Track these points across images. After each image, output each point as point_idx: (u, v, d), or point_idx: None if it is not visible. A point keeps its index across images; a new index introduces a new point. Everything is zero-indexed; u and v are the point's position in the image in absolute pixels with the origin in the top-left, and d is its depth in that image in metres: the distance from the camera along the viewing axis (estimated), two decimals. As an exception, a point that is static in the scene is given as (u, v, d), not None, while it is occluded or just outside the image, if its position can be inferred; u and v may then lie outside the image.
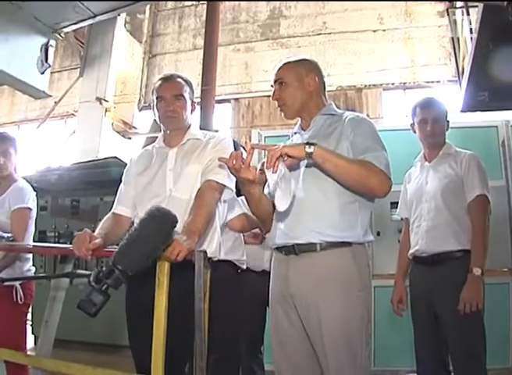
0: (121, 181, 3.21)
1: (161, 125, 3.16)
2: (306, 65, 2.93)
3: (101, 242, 2.56)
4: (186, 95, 3.14)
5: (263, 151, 6.05)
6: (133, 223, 2.99)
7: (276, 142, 3.24)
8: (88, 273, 2.27)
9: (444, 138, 3.87)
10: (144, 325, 2.52)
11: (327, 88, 2.99)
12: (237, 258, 3.57)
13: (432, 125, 3.78)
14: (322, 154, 2.42)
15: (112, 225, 2.94)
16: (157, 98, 3.11)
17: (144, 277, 2.58)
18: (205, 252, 2.30)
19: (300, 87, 2.86)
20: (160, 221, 2.30)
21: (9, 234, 3.82)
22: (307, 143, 2.41)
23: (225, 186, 2.90)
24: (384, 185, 2.55)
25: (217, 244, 2.96)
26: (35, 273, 4.13)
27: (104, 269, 2.24)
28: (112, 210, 3.11)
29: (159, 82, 3.17)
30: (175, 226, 2.36)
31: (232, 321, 3.38)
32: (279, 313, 2.76)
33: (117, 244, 2.35)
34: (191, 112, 3.21)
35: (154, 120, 3.24)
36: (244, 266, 3.77)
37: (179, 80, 3.18)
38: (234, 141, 3.40)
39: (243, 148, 4.36)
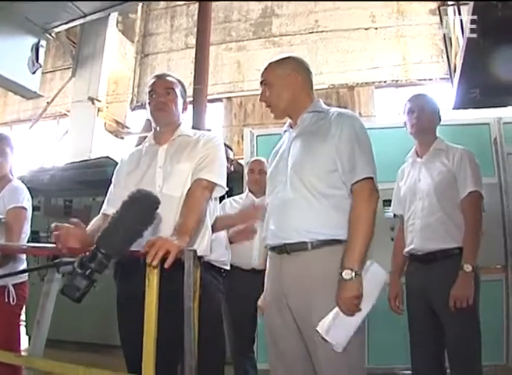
0: (113, 181, 3.21)
1: (152, 121, 3.17)
2: (289, 64, 2.96)
3: (82, 226, 2.61)
4: (178, 91, 3.17)
5: (255, 151, 6.06)
6: None
7: (268, 141, 3.25)
8: (74, 260, 2.26)
9: (434, 132, 3.88)
10: (134, 323, 2.53)
11: (319, 86, 3.02)
12: (214, 259, 3.58)
13: (417, 113, 3.80)
14: (358, 263, 2.52)
15: (102, 225, 2.93)
16: (149, 93, 3.15)
17: (134, 273, 2.59)
18: (195, 251, 2.29)
19: (284, 87, 2.90)
20: (141, 203, 2.30)
21: (2, 216, 3.84)
22: (346, 273, 2.50)
23: (216, 184, 2.90)
24: (375, 197, 2.66)
25: (208, 243, 2.96)
26: (28, 274, 4.12)
27: (87, 253, 2.25)
28: (102, 210, 3.11)
29: (152, 79, 3.21)
30: (157, 208, 2.34)
31: (214, 321, 3.39)
32: (273, 312, 2.78)
33: None
34: (182, 111, 3.24)
35: (147, 120, 3.27)
36: (227, 267, 3.77)
37: (171, 78, 3.22)
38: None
39: (230, 148, 4.34)
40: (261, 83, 2.98)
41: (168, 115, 3.11)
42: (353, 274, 2.46)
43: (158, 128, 3.17)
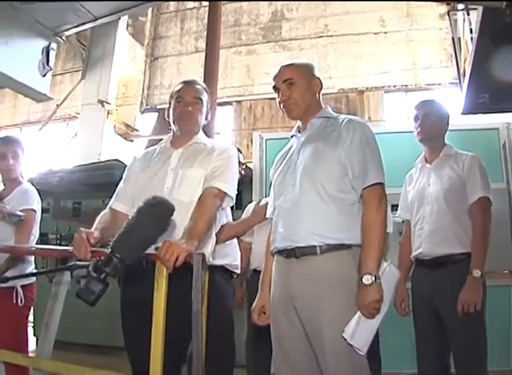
0: (123, 183, 3.22)
1: (175, 126, 3.20)
2: (311, 68, 3.03)
3: (98, 235, 2.58)
4: (204, 101, 3.20)
5: (264, 155, 6.06)
6: None
7: (278, 144, 3.26)
8: (88, 263, 2.28)
9: (441, 138, 3.89)
10: (138, 327, 2.55)
11: (329, 91, 3.08)
12: (228, 263, 3.59)
13: (421, 120, 3.82)
14: (376, 268, 2.55)
15: (110, 220, 2.97)
16: (176, 99, 3.16)
17: (138, 278, 2.60)
18: (203, 255, 2.31)
19: (308, 88, 2.93)
20: (156, 209, 2.34)
21: (22, 213, 3.86)
22: (367, 279, 2.52)
23: (226, 194, 2.92)
24: (385, 202, 2.69)
25: (211, 250, 2.97)
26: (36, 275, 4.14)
27: (102, 258, 2.26)
28: (110, 205, 3.15)
29: (180, 85, 3.23)
30: (172, 214, 2.38)
31: (225, 324, 3.41)
32: (279, 316, 2.78)
33: None
34: (205, 119, 3.27)
35: (157, 123, 3.29)
36: (238, 271, 3.78)
37: (199, 85, 3.25)
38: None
39: (240, 151, 4.33)
40: (284, 81, 2.95)
41: (193, 124, 3.16)
42: (373, 279, 2.49)
43: (177, 133, 3.20)
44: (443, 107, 3.94)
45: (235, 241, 3.89)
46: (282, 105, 2.98)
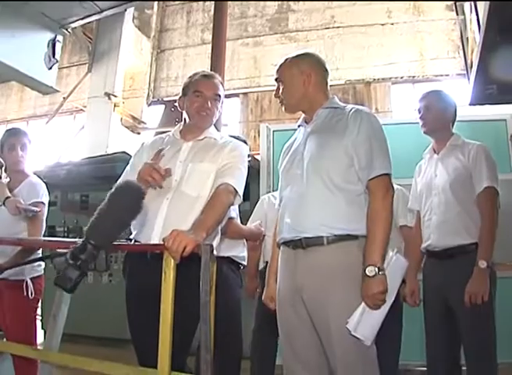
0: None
1: (189, 118, 3.19)
2: (303, 61, 3.00)
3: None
4: (222, 97, 3.21)
5: (272, 146, 6.05)
6: None
7: (285, 136, 3.26)
8: (66, 251, 2.29)
9: (447, 129, 3.88)
10: (144, 318, 2.56)
11: (336, 82, 3.05)
12: (235, 255, 3.60)
13: (423, 113, 3.83)
14: (380, 259, 2.55)
15: None
16: (194, 92, 3.14)
17: (142, 269, 2.62)
18: (212, 246, 2.30)
19: (297, 84, 2.95)
20: (127, 194, 2.37)
21: (38, 209, 3.91)
22: (370, 270, 2.52)
23: (237, 192, 2.92)
24: (391, 193, 2.69)
25: (216, 244, 2.97)
26: (44, 268, 4.15)
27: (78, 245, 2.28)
28: None
29: (199, 77, 3.21)
30: (142, 198, 2.42)
31: (232, 316, 3.42)
32: (286, 308, 2.78)
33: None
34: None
35: (163, 115, 3.29)
36: (245, 262, 3.79)
37: (217, 80, 3.24)
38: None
39: (246, 142, 4.34)
40: (276, 79, 3.02)
41: (209, 120, 3.17)
42: (377, 270, 2.49)
43: (190, 125, 3.20)
44: (447, 97, 3.93)
45: None
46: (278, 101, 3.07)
